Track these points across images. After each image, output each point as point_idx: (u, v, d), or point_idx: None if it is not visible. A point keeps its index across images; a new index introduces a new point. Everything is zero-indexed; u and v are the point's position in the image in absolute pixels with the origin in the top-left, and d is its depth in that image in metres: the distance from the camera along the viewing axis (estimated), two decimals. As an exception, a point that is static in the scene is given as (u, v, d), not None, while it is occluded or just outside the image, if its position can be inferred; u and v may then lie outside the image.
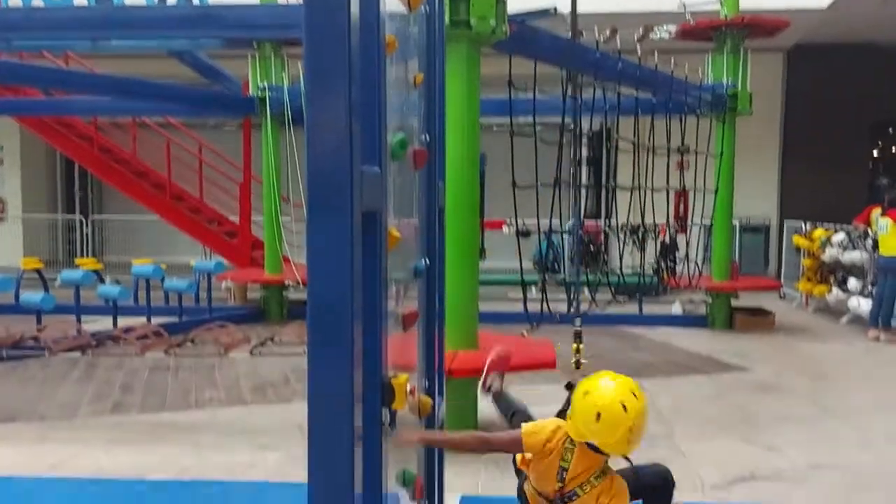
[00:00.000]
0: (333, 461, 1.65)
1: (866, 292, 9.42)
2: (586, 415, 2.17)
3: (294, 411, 5.71)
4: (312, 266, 1.65)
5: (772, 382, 6.81)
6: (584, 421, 2.17)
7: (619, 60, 6.64)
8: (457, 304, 4.99)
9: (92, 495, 3.67)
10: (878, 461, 4.71)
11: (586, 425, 2.17)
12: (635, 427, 2.14)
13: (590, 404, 2.17)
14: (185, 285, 9.38)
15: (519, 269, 5.82)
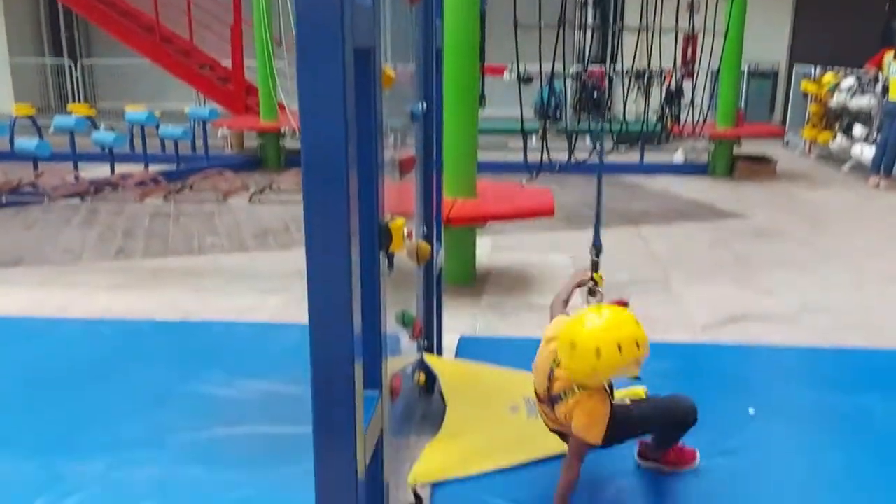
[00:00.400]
0: (332, 303, 1.67)
1: (871, 139, 9.31)
2: (567, 336, 2.16)
3: (294, 258, 5.76)
4: (304, 106, 1.59)
5: (769, 229, 6.88)
6: (563, 340, 2.18)
7: None
8: (455, 151, 4.92)
9: (100, 335, 3.78)
10: (867, 304, 4.84)
11: (563, 345, 2.17)
12: (601, 371, 2.12)
13: (574, 330, 2.14)
14: (181, 132, 9.24)
15: (519, 117, 5.69)
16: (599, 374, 2.13)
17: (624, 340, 2.07)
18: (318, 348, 1.68)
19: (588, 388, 2.19)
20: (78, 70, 14.36)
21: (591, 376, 2.14)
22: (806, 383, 3.30)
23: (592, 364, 2.09)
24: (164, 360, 3.43)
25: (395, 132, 2.52)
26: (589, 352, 2.07)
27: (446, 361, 3.44)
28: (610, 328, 2.09)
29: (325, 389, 1.70)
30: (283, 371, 3.23)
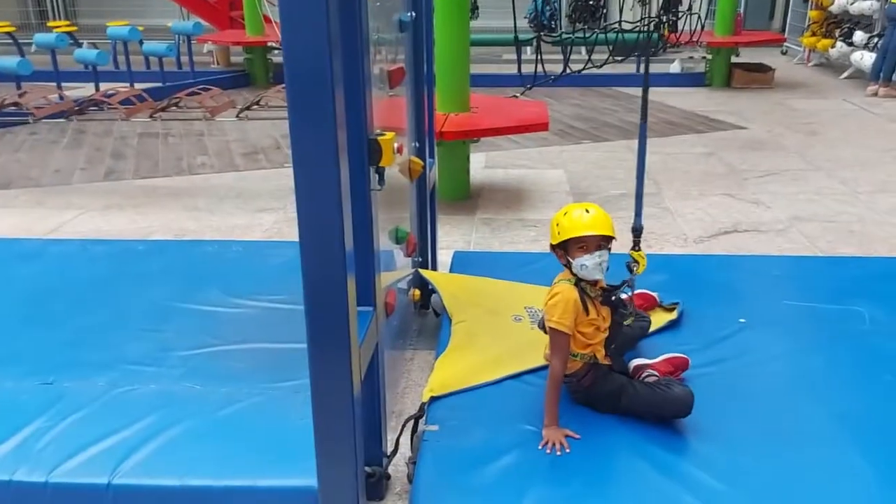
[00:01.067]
0: (321, 220, 1.66)
1: (871, 45, 9.12)
2: (553, 223, 2.37)
3: (286, 175, 5.71)
4: (285, 18, 1.53)
5: (764, 139, 6.82)
6: (552, 228, 2.38)
7: None
8: (447, 64, 4.82)
9: (94, 254, 3.78)
10: (858, 213, 4.85)
11: (552, 231, 2.37)
12: (561, 223, 2.33)
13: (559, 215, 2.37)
14: (165, 48, 8.99)
15: (513, 28, 5.53)
16: (560, 227, 2.32)
17: (584, 207, 2.35)
18: (310, 266, 1.68)
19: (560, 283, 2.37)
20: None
21: (555, 231, 2.34)
22: (796, 292, 3.34)
23: (553, 220, 2.36)
24: (160, 280, 3.44)
25: (382, 43, 2.45)
26: (557, 215, 2.36)
27: (445, 276, 3.46)
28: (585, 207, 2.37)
29: (319, 307, 1.71)
30: (278, 288, 3.25)
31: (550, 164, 6.13)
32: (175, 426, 2.31)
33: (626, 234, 2.76)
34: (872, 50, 8.99)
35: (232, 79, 9.79)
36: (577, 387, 2.41)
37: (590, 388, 2.39)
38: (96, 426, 2.30)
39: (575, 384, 2.41)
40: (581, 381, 2.40)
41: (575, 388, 2.42)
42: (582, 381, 2.40)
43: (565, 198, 5.24)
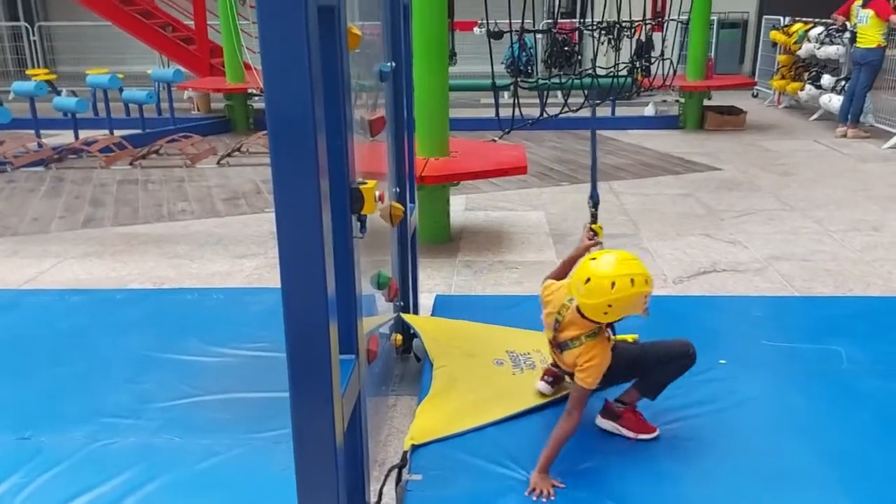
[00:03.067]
0: (304, 269, 1.66)
1: (839, 88, 9.37)
2: (580, 274, 2.27)
3: (268, 220, 5.75)
4: (268, 69, 1.55)
5: (738, 180, 6.94)
6: (576, 279, 2.29)
7: None
8: (426, 109, 4.88)
9: (72, 304, 3.74)
10: (833, 252, 4.93)
11: (576, 284, 2.28)
12: (616, 305, 2.21)
13: (587, 267, 2.26)
14: (145, 95, 9.03)
15: (490, 74, 5.63)
16: (614, 307, 2.21)
17: (636, 275, 2.19)
18: (292, 315, 1.68)
19: (594, 338, 2.32)
20: (35, 33, 13.89)
21: (605, 310, 2.22)
22: (775, 332, 3.37)
23: (607, 297, 2.19)
24: (139, 329, 3.41)
25: (364, 92, 2.49)
26: (604, 285, 2.18)
27: (426, 319, 3.46)
28: (622, 263, 2.22)
29: (301, 356, 1.70)
30: (259, 336, 3.23)
31: (530, 206, 6.19)
32: (154, 481, 2.27)
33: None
34: (840, 93, 9.23)
35: (212, 125, 9.83)
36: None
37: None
38: (74, 482, 2.26)
39: None
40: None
41: None
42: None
43: (545, 239, 5.28)
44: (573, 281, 2.32)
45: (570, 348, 2.37)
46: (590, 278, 2.21)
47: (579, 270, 2.29)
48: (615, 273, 2.19)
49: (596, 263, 2.24)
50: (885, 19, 8.30)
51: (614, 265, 2.21)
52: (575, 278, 2.30)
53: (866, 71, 8.52)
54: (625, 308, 2.23)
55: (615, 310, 2.23)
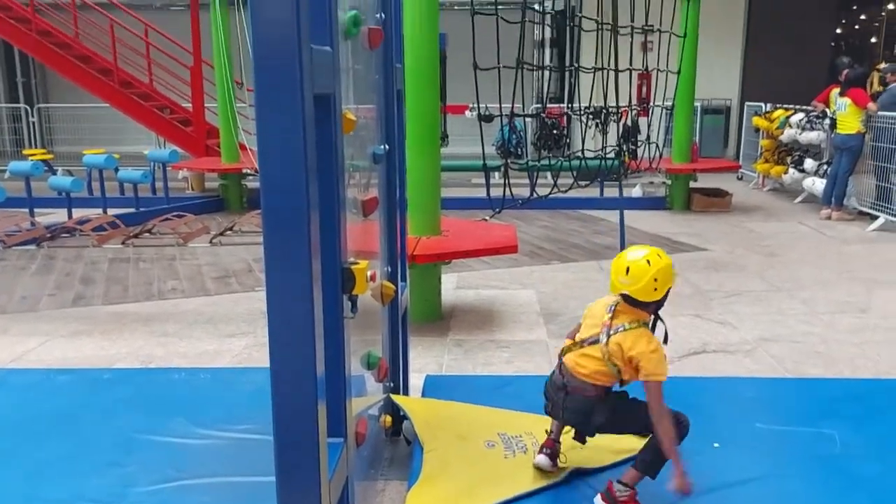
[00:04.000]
0: (293, 351, 1.67)
1: (821, 172, 9.60)
2: (617, 272, 2.55)
3: (258, 299, 5.75)
4: (264, 151, 1.60)
5: (725, 261, 7.02)
6: (615, 277, 2.57)
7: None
8: (419, 189, 4.96)
9: (58, 384, 3.69)
10: (821, 334, 4.94)
11: (618, 280, 2.55)
12: (659, 277, 2.50)
13: (620, 263, 2.56)
14: (140, 175, 9.15)
15: (481, 155, 5.77)
16: (659, 279, 2.49)
17: (656, 251, 2.55)
18: (280, 397, 1.67)
19: (641, 327, 2.56)
20: (34, 114, 14.16)
21: (653, 286, 2.49)
22: (768, 414, 3.35)
23: (649, 272, 2.49)
24: (125, 410, 3.35)
25: (357, 172, 2.54)
26: (641, 266, 2.50)
27: (416, 401, 3.43)
28: (640, 248, 2.59)
29: (288, 440, 1.68)
30: (246, 418, 3.18)
31: (521, 285, 6.22)
32: (134, 568, 2.19)
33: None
34: (822, 176, 9.45)
35: (206, 204, 9.93)
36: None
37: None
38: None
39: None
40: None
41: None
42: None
43: (536, 318, 5.29)
44: (614, 282, 2.57)
45: (619, 332, 2.54)
46: (628, 268, 2.50)
47: (614, 271, 2.56)
48: (643, 254, 2.52)
49: (623, 257, 2.55)
50: (863, 107, 8.59)
51: (637, 250, 2.56)
52: (614, 278, 2.56)
53: (847, 156, 8.75)
54: (666, 278, 2.51)
55: (661, 282, 2.50)
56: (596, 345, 2.58)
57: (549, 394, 2.72)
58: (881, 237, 8.06)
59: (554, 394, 2.68)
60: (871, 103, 8.70)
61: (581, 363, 2.62)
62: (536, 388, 2.80)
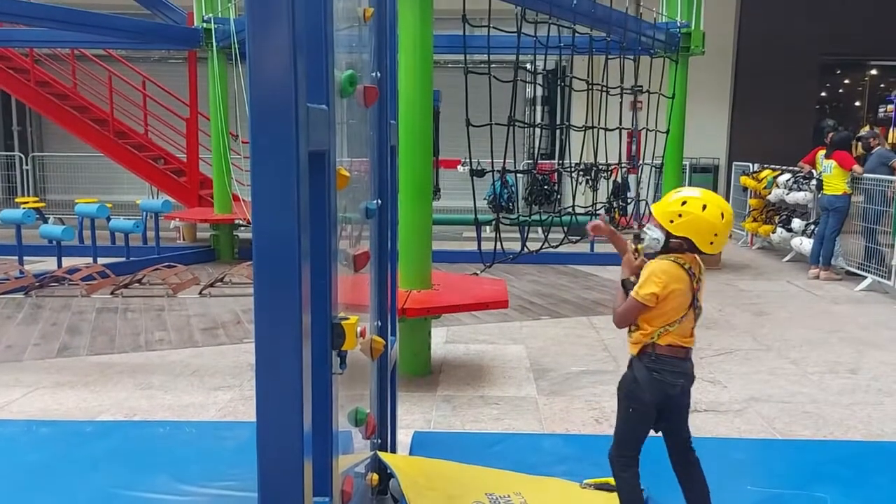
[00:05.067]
0: (281, 402, 1.65)
1: (809, 232, 9.70)
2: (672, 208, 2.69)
3: (246, 351, 5.70)
4: (257, 207, 1.61)
5: (715, 318, 7.02)
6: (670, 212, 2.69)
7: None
8: (410, 243, 4.99)
9: (39, 436, 3.62)
10: (811, 394, 4.93)
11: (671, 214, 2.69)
12: (685, 215, 2.65)
13: (674, 201, 2.70)
14: (132, 225, 9.16)
15: (473, 209, 5.82)
16: (682, 219, 2.62)
17: (713, 205, 2.65)
18: (266, 454, 1.65)
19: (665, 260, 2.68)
20: (28, 163, 14.22)
21: (669, 216, 2.64)
22: (759, 477, 3.32)
23: (676, 203, 2.66)
24: (106, 465, 3.29)
25: (349, 227, 2.55)
26: (678, 199, 2.68)
27: (404, 458, 3.38)
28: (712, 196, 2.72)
29: (273, 498, 1.65)
30: (230, 474, 3.13)
31: (511, 340, 6.20)
32: None
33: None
34: (810, 236, 9.55)
35: (197, 254, 9.92)
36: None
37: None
38: None
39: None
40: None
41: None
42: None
43: (526, 374, 5.26)
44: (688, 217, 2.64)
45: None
46: (686, 201, 2.63)
47: (670, 210, 2.67)
48: (695, 195, 2.68)
49: (679, 193, 2.71)
50: (848, 170, 8.74)
51: (700, 192, 2.70)
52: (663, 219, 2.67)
53: (834, 216, 8.86)
54: (691, 222, 2.62)
55: (683, 221, 2.63)
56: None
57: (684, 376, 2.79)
58: (869, 297, 8.11)
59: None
60: (856, 165, 8.86)
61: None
62: (526, 446, 2.77)
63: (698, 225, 2.60)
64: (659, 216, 2.65)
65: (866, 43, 14.97)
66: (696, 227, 2.60)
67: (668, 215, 2.63)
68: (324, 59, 1.86)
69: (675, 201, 2.63)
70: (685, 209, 2.60)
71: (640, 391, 2.70)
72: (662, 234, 2.65)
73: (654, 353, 2.69)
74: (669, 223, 2.62)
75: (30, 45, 10.82)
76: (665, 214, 2.63)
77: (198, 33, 9.23)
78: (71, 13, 8.05)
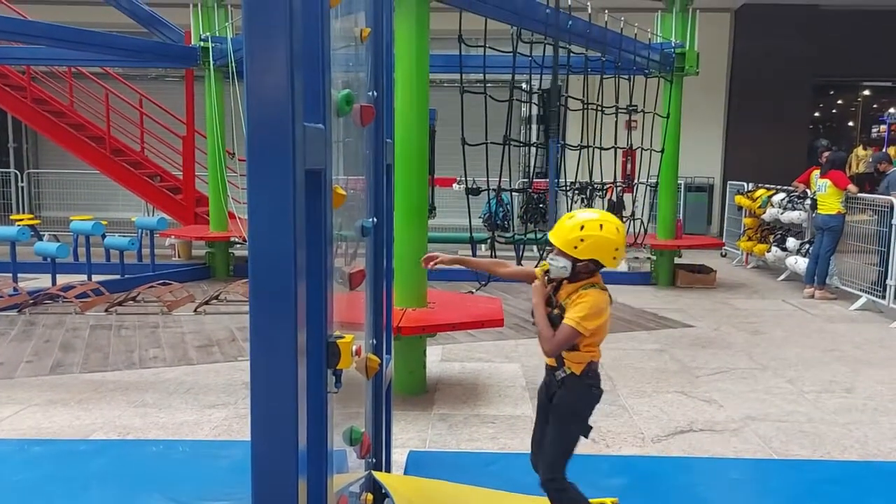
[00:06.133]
0: (276, 420, 1.64)
1: (803, 251, 9.73)
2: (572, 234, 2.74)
3: (240, 369, 5.68)
4: (254, 226, 1.61)
5: (711, 337, 7.02)
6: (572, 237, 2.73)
7: (569, 18, 6.60)
8: (405, 261, 4.99)
9: (30, 455, 3.59)
10: (808, 413, 4.92)
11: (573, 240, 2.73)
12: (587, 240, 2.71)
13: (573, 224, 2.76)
14: (127, 242, 9.13)
15: (468, 227, 5.83)
16: (585, 243, 2.68)
17: (608, 224, 2.72)
18: (260, 473, 1.64)
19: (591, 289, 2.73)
20: (24, 180, 14.21)
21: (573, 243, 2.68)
22: (756, 497, 3.31)
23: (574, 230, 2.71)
24: (98, 484, 3.26)
25: (345, 246, 2.55)
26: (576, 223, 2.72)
27: (399, 478, 3.35)
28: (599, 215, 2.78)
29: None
30: (224, 493, 3.10)
31: (506, 358, 6.18)
32: None
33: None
34: (805, 255, 9.57)
35: (192, 272, 9.90)
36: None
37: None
38: None
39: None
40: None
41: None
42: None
43: (521, 393, 5.24)
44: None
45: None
46: (583, 225, 2.69)
47: (570, 235, 2.71)
48: (590, 217, 2.74)
49: (574, 219, 2.74)
50: (843, 189, 8.78)
51: (592, 213, 2.79)
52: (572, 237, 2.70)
53: (829, 236, 8.89)
54: (595, 246, 2.70)
55: (586, 245, 2.70)
56: None
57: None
58: (863, 317, 8.13)
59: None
60: (851, 185, 8.92)
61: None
62: (522, 466, 2.76)
63: (600, 244, 2.69)
64: (562, 245, 2.70)
65: (859, 64, 15.11)
66: (599, 246, 2.69)
67: (570, 243, 2.69)
68: (321, 77, 1.87)
69: (573, 227, 2.69)
70: (585, 233, 2.67)
71: (583, 409, 2.78)
72: (568, 262, 2.71)
73: (590, 369, 2.80)
74: (574, 249, 2.68)
75: (28, 62, 10.85)
76: (567, 243, 2.69)
77: (195, 52, 9.28)
78: (69, 31, 8.08)
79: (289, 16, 1.55)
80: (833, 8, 14.58)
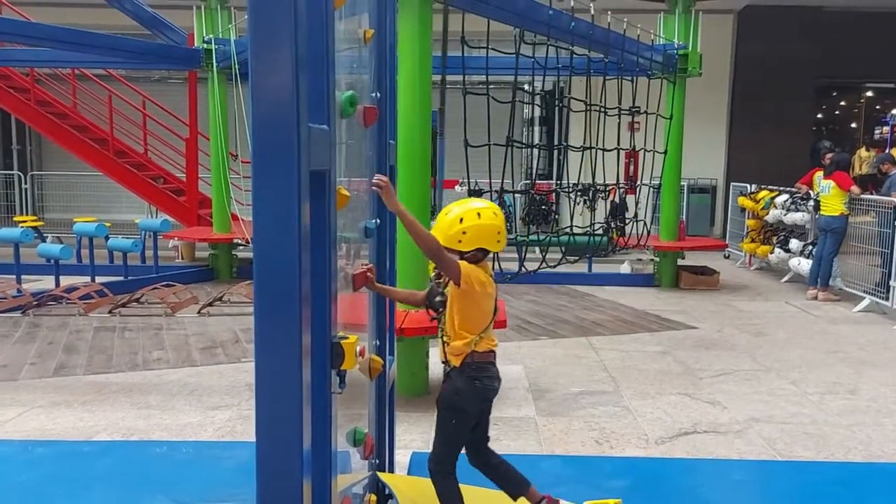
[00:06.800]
0: (281, 421, 1.65)
1: (806, 253, 9.71)
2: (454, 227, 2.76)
3: (244, 371, 5.68)
4: (259, 226, 1.61)
5: (714, 339, 7.02)
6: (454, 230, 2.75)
7: (572, 20, 6.60)
8: (408, 263, 4.98)
9: (34, 456, 3.60)
10: (811, 415, 4.91)
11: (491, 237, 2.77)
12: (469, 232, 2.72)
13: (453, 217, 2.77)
14: (130, 244, 9.15)
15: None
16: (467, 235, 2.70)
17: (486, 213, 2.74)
18: (265, 474, 1.64)
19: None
20: (27, 182, 14.25)
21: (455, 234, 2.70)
22: (761, 498, 3.30)
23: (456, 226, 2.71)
24: (103, 485, 3.27)
25: (349, 247, 2.56)
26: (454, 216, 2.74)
27: (403, 479, 3.35)
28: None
29: (272, 519, 1.64)
30: (228, 495, 3.10)
31: (509, 360, 6.17)
32: None
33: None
34: (808, 257, 9.56)
35: (196, 273, 9.91)
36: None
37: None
38: None
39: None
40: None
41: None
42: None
43: (524, 394, 5.23)
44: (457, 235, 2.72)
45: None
46: (462, 217, 2.70)
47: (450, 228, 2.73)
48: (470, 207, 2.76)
49: (451, 213, 2.75)
50: (846, 190, 8.77)
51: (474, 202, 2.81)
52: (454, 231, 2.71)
53: (832, 237, 8.88)
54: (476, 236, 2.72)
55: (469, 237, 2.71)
56: None
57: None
58: (867, 318, 8.11)
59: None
60: (855, 186, 8.90)
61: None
62: (525, 467, 2.76)
63: (482, 232, 2.71)
64: (446, 242, 2.70)
65: (862, 65, 15.11)
66: (482, 234, 2.71)
67: (453, 238, 2.70)
68: (325, 79, 1.88)
69: (452, 222, 2.71)
70: (465, 225, 2.69)
71: (463, 402, 2.77)
72: (456, 255, 2.71)
73: (473, 361, 2.76)
74: (458, 244, 2.70)
75: (32, 65, 10.89)
76: (450, 238, 2.70)
77: (198, 54, 9.30)
78: (73, 34, 8.10)
79: (293, 17, 1.56)
80: (836, 9, 14.58)
